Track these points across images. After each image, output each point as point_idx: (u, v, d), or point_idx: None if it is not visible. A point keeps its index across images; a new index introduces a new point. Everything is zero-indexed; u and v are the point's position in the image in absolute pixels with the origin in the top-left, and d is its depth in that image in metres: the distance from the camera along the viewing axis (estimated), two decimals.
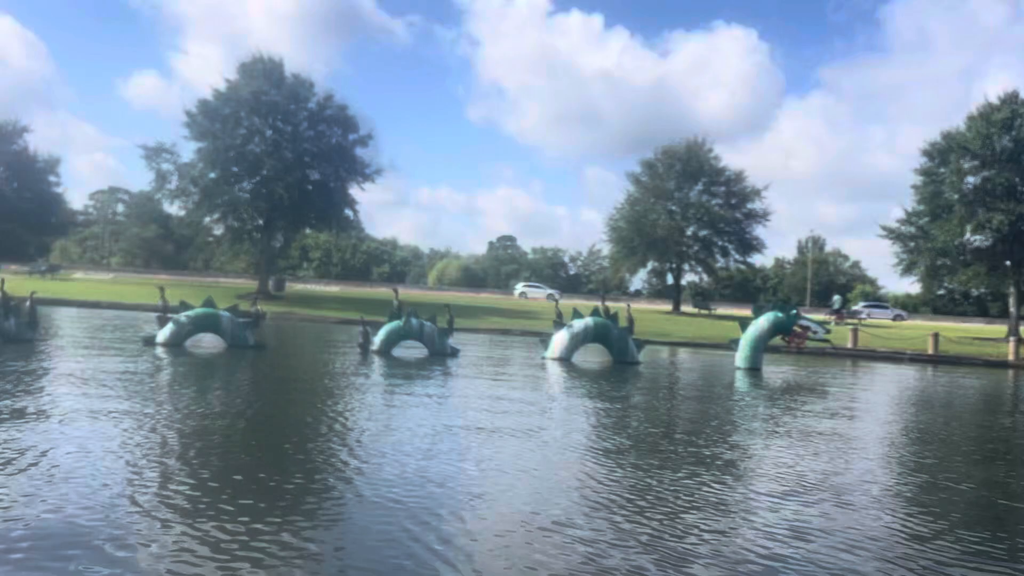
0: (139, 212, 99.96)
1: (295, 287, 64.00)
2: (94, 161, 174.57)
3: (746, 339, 21.30)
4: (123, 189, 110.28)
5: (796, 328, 21.39)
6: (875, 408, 15.30)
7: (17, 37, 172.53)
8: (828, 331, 23.16)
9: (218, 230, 52.65)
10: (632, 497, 6.95)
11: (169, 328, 18.21)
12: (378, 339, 19.66)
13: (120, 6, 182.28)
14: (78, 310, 34.19)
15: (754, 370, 20.79)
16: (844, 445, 10.26)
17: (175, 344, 18.06)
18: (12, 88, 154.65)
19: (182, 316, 18.33)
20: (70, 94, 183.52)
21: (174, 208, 54.89)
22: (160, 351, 17.20)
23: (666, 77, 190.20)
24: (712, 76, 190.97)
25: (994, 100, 43.91)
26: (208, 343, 19.32)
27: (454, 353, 20.11)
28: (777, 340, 22.69)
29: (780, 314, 21.47)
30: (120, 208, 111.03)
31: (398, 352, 19.95)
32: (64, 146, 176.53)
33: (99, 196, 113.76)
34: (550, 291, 67.65)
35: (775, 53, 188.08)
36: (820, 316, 45.19)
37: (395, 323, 19.83)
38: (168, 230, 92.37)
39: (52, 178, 68.60)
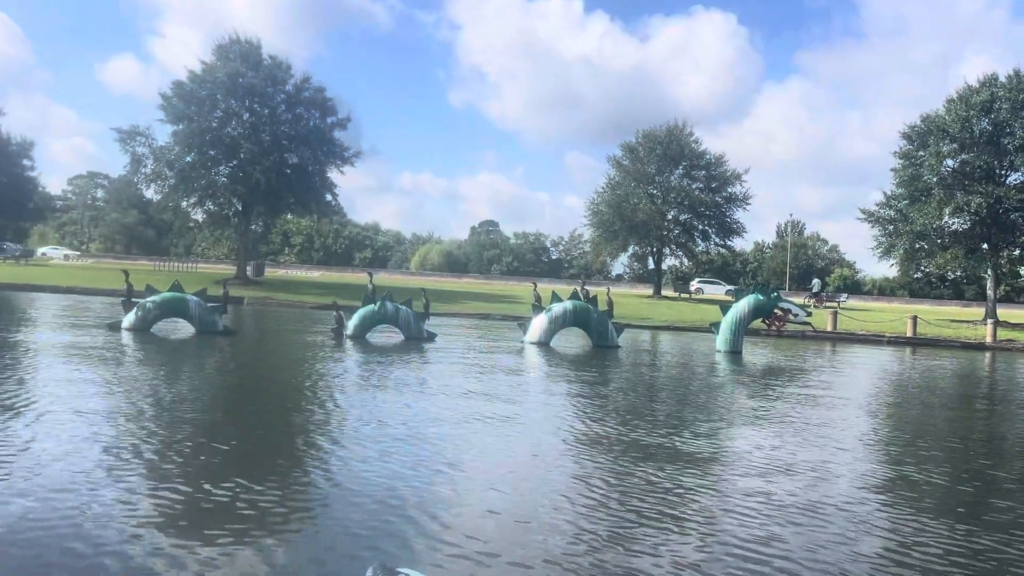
0: (118, 197, 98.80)
1: (276, 272, 63.41)
2: (73, 146, 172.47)
3: (726, 322, 21.18)
4: (102, 174, 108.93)
5: (777, 311, 21.26)
6: (855, 392, 15.17)
7: None
8: (809, 313, 23.02)
9: (196, 215, 52.03)
10: (601, 486, 6.72)
11: (135, 313, 17.74)
12: (352, 324, 19.31)
13: None
14: (49, 295, 33.49)
15: (735, 353, 20.67)
16: (825, 432, 10.09)
17: (141, 330, 17.59)
18: None
19: (148, 301, 17.87)
20: (47, 78, 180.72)
21: (150, 192, 54.11)
22: (125, 337, 16.71)
23: (646, 62, 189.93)
24: (692, 61, 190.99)
25: (973, 83, 43.94)
26: (175, 328, 18.84)
27: (430, 338, 19.79)
28: (758, 323, 22.56)
29: (761, 297, 21.33)
30: (100, 193, 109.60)
31: (373, 337, 19.63)
32: (42, 131, 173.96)
33: (78, 181, 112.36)
34: (728, 287, 62.94)
35: (754, 38, 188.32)
36: (800, 299, 45.31)
37: (369, 307, 19.48)
38: (148, 216, 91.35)
39: (26, 162, 67.27)
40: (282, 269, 75.43)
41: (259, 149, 45.06)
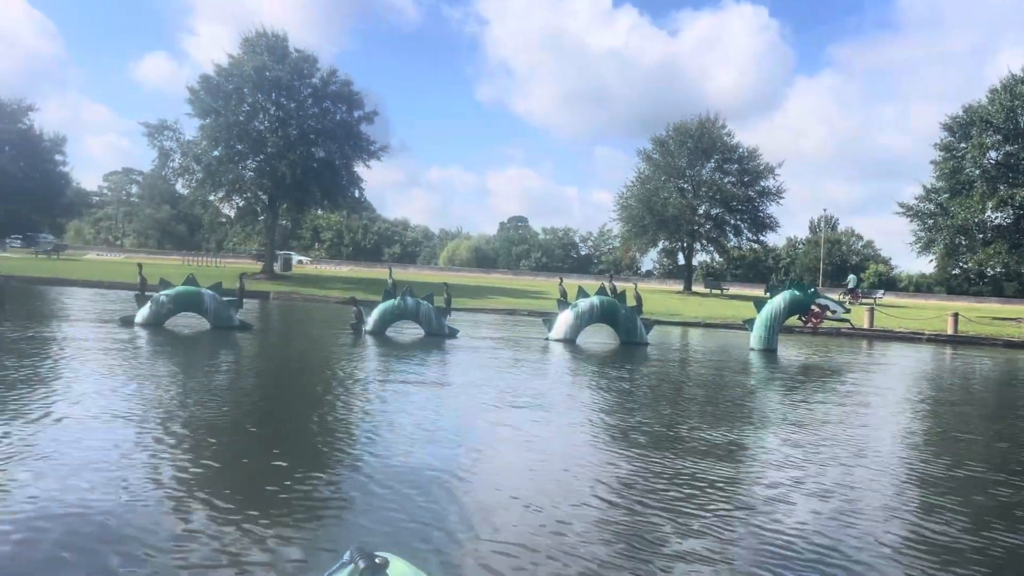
0: (152, 193, 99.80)
1: (305, 267, 63.38)
2: (108, 142, 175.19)
3: (761, 319, 20.35)
4: (137, 170, 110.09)
5: (814, 307, 20.39)
6: (900, 393, 14.33)
7: (27, 17, 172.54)
8: (847, 310, 22.07)
9: (225, 209, 52.12)
10: (632, 489, 6.08)
11: (148, 307, 17.34)
12: (372, 319, 18.77)
13: None
14: (76, 289, 33.52)
15: (769, 351, 19.85)
16: (865, 437, 9.33)
17: (154, 324, 17.16)
18: (23, 69, 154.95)
19: (161, 295, 17.45)
20: (82, 75, 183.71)
21: (179, 187, 54.25)
22: (135, 332, 16.29)
23: (675, 56, 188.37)
24: (722, 54, 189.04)
25: (1018, 72, 42.43)
26: (189, 323, 18.42)
27: (452, 334, 19.20)
28: (792, 320, 21.70)
29: (797, 292, 20.47)
30: (134, 189, 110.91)
31: (393, 333, 19.11)
32: (78, 127, 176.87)
33: (113, 177, 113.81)
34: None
35: (785, 31, 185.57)
36: (835, 296, 44.11)
37: (389, 303, 18.93)
38: (180, 211, 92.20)
39: (58, 157, 68.11)
40: (312, 264, 75.54)
41: (285, 143, 44.88)
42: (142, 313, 17.30)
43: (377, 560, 2.29)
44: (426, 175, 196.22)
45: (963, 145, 44.14)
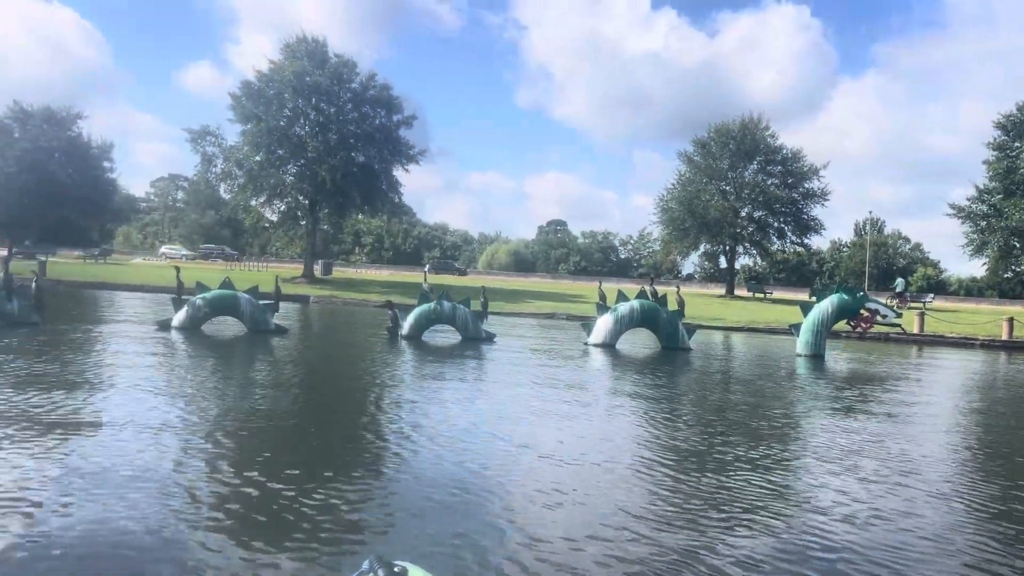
0: (197, 199, 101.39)
1: (346, 272, 63.70)
2: (155, 150, 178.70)
3: (808, 324, 19.66)
4: (182, 176, 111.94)
5: (863, 311, 19.65)
6: (960, 406, 13.65)
7: (77, 28, 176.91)
8: (899, 315, 21.28)
9: (268, 214, 52.59)
10: (671, 500, 5.69)
11: (184, 311, 17.31)
12: (407, 323, 18.54)
13: None
14: (116, 293, 33.95)
15: (817, 357, 19.17)
16: (927, 460, 8.78)
17: (191, 328, 17.14)
18: (73, 78, 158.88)
19: (198, 299, 17.41)
20: (129, 84, 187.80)
21: (221, 191, 54.98)
22: (173, 336, 16.28)
23: (715, 58, 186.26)
24: (762, 55, 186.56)
25: None
26: (227, 327, 18.38)
27: (489, 338, 18.88)
28: (840, 324, 20.97)
29: (846, 296, 19.75)
30: (180, 195, 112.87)
31: (429, 337, 18.86)
32: (126, 135, 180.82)
33: (159, 183, 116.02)
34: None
35: (828, 30, 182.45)
36: (883, 300, 42.78)
37: (425, 306, 18.68)
38: (223, 216, 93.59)
39: (106, 164, 69.20)
40: (352, 268, 75.99)
41: (325, 148, 45.10)
42: (179, 317, 17.28)
43: (396, 569, 2.36)
44: (465, 180, 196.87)
45: (1017, 144, 42.76)
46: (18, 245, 62.46)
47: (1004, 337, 29.80)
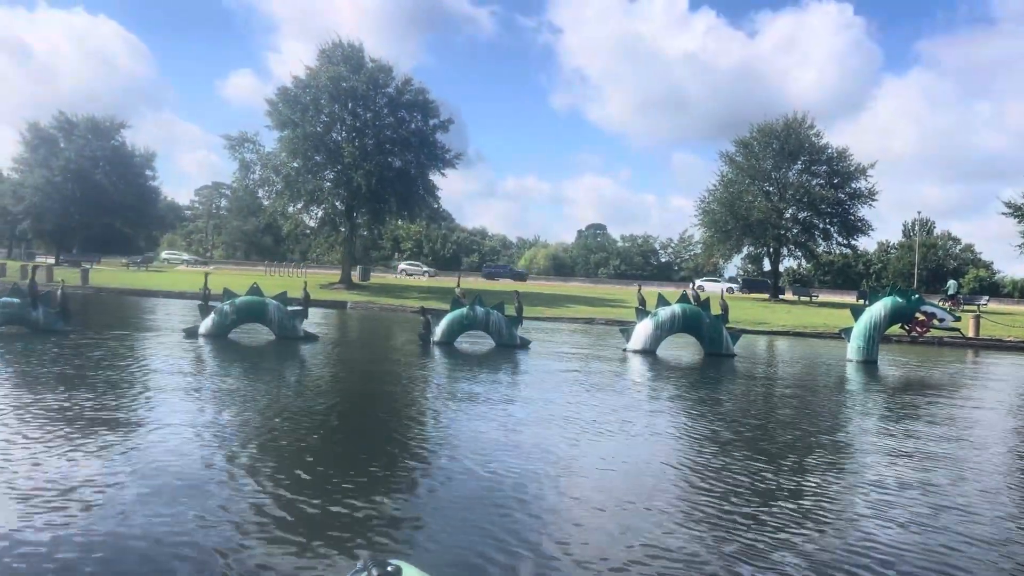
0: (239, 206, 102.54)
1: (386, 277, 63.62)
2: (199, 158, 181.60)
3: (860, 328, 18.68)
4: (225, 184, 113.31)
5: (919, 315, 18.61)
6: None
7: (121, 40, 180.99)
8: (957, 318, 20.17)
9: (307, 220, 52.67)
10: (713, 527, 5.01)
11: (211, 318, 16.94)
12: (440, 329, 17.98)
13: (214, 8, 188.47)
14: (155, 300, 34.08)
15: (869, 363, 18.19)
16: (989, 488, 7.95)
17: (218, 335, 16.75)
18: (118, 89, 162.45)
19: (225, 305, 17.02)
20: (173, 95, 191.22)
21: (260, 197, 55.13)
22: (200, 344, 15.89)
23: (755, 58, 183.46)
24: (803, 55, 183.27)
25: None
26: (255, 334, 17.99)
27: (524, 344, 18.24)
28: (893, 328, 19.95)
29: (900, 299, 18.73)
30: (223, 203, 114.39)
31: (462, 343, 18.29)
32: (171, 145, 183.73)
33: (203, 192, 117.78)
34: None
35: (871, 28, 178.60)
36: (935, 303, 41.17)
37: (458, 312, 18.10)
38: (262, 221, 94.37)
39: (149, 172, 70.17)
40: (392, 274, 75.99)
41: (361, 153, 44.92)
42: (206, 324, 16.90)
43: (390, 568, 2.38)
44: (503, 184, 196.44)
45: None
46: (64, 253, 63.59)
47: None
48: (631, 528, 5.35)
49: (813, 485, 6.78)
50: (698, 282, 68.40)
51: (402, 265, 78.56)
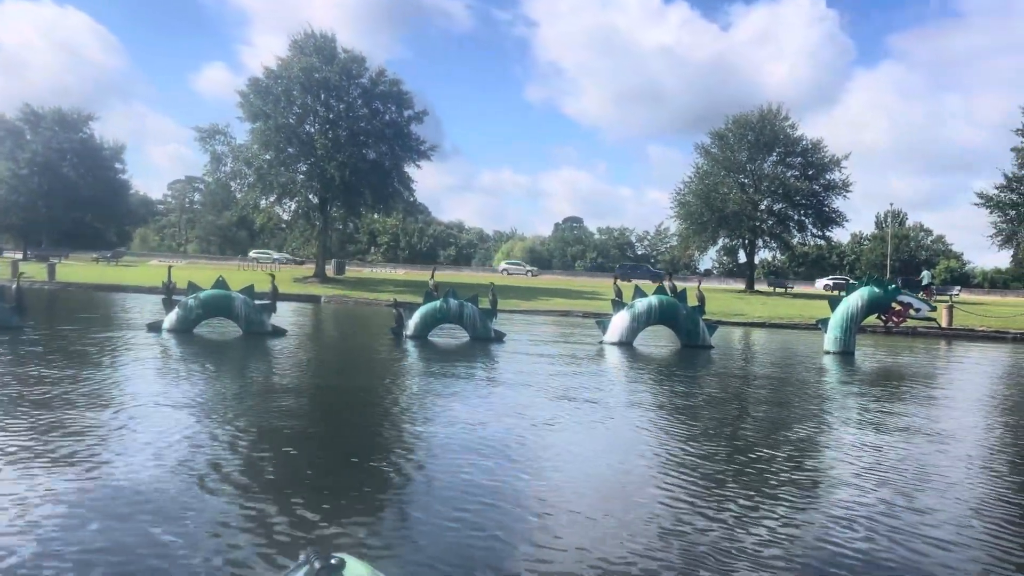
0: (213, 200, 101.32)
1: (362, 271, 63.03)
2: (171, 152, 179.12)
3: (836, 319, 18.57)
4: (199, 178, 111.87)
5: (895, 305, 18.54)
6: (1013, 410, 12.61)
7: (90, 32, 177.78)
8: (933, 308, 20.15)
9: (281, 213, 51.97)
10: (691, 519, 4.76)
11: (176, 313, 16.41)
12: (413, 323, 17.61)
13: (186, 0, 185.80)
14: (122, 295, 33.38)
15: (846, 354, 18.09)
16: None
17: (183, 331, 16.23)
18: (89, 82, 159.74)
19: (190, 299, 16.52)
20: (145, 88, 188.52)
21: (233, 191, 54.28)
22: (164, 338, 15.36)
23: (729, 51, 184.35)
24: (777, 48, 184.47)
25: None
26: (220, 329, 17.45)
27: (498, 338, 17.94)
28: (870, 318, 19.88)
29: (876, 289, 18.64)
30: (196, 197, 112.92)
31: (436, 337, 17.95)
32: (144, 138, 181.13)
33: (176, 186, 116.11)
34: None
35: (843, 21, 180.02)
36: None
37: (431, 305, 17.76)
38: (234, 214, 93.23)
39: (118, 165, 68.99)
40: (368, 268, 75.35)
41: (334, 145, 44.32)
42: (170, 319, 16.36)
43: (333, 561, 2.35)
44: (479, 178, 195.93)
45: None
46: (32, 247, 62.35)
47: None
48: (603, 539, 5.08)
49: (800, 480, 6.56)
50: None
51: (503, 264, 76.08)
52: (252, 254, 73.45)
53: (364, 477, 6.16)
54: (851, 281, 40.33)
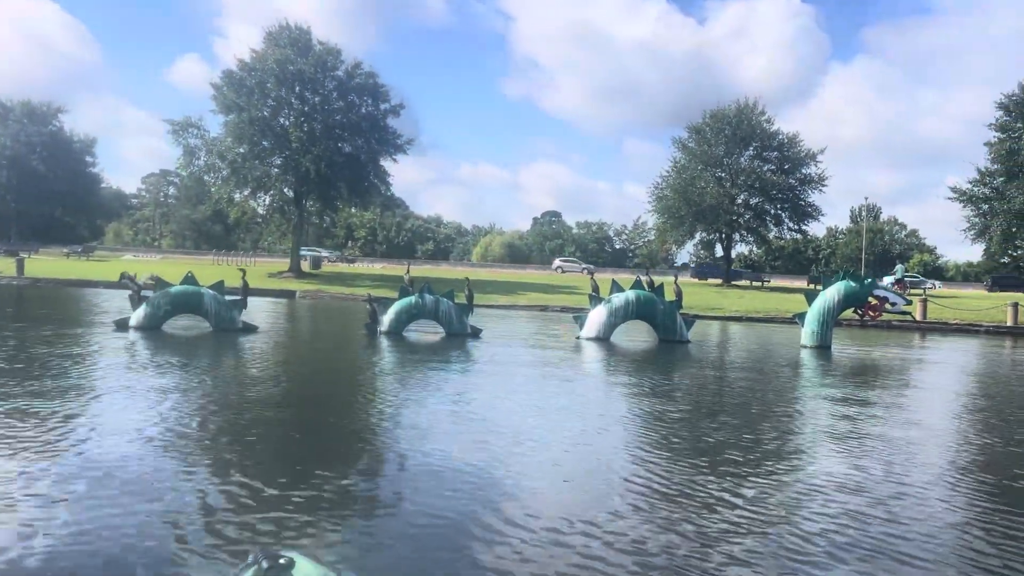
0: (188, 194, 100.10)
1: (337, 266, 62.49)
2: (146, 145, 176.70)
3: (813, 313, 18.55)
4: (173, 172, 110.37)
5: (872, 299, 18.56)
6: (995, 403, 12.59)
7: (61, 23, 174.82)
8: (909, 302, 20.22)
9: (258, 207, 51.40)
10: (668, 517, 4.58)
11: (143, 309, 15.98)
12: (387, 319, 17.34)
13: None
14: (92, 290, 32.78)
15: (823, 348, 18.08)
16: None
17: (150, 328, 15.78)
18: (59, 73, 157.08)
19: (157, 296, 16.10)
20: (118, 80, 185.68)
21: (208, 185, 53.55)
22: (131, 336, 14.90)
23: (705, 45, 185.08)
24: (753, 42, 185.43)
25: None
26: (189, 326, 16.96)
27: (475, 333, 17.71)
28: (846, 312, 19.89)
29: (853, 284, 18.64)
30: (171, 191, 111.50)
31: (411, 333, 17.69)
32: (117, 131, 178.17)
33: (150, 179, 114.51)
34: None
35: (819, 16, 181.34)
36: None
37: (406, 300, 17.49)
38: (218, 212, 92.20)
39: (88, 158, 68.00)
40: (344, 262, 74.74)
41: (309, 138, 43.85)
42: (137, 316, 15.91)
43: (282, 560, 2.31)
44: (457, 172, 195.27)
45: (1020, 125, 41.76)
46: (1, 242, 61.20)
47: (1009, 323, 28.91)
48: (577, 533, 4.89)
49: (770, 484, 6.42)
50: (557, 261, 70.19)
51: (557, 262, 73.72)
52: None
53: (322, 483, 5.93)
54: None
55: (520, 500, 5.57)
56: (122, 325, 15.89)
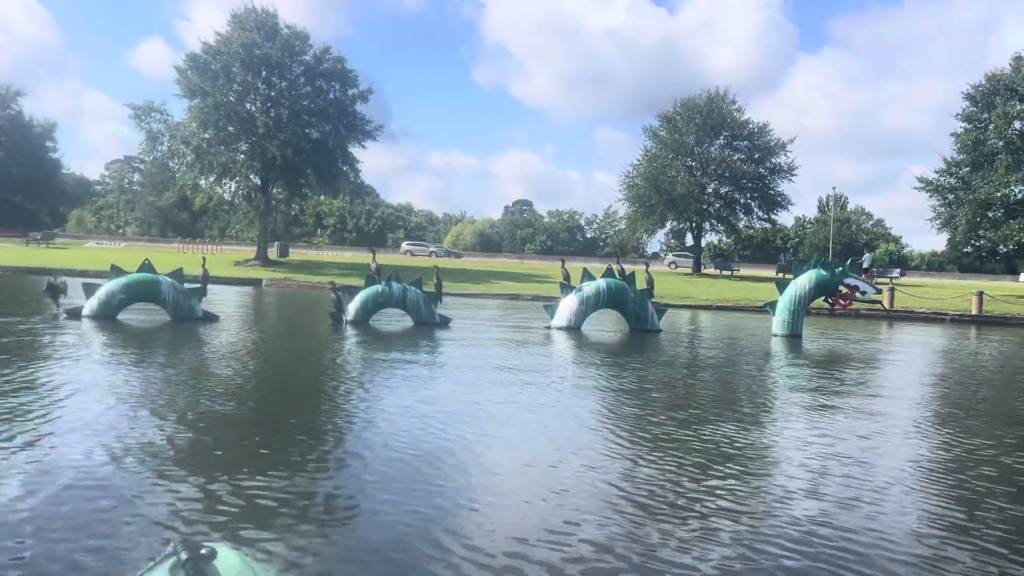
0: (153, 181, 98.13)
1: (307, 254, 61.69)
2: (110, 131, 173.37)
3: (784, 302, 18.47)
4: (138, 158, 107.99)
5: (843, 288, 18.51)
6: (971, 392, 12.54)
7: (20, 4, 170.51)
8: (879, 291, 20.23)
9: (224, 194, 50.42)
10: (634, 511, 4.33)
11: (96, 298, 15.39)
12: (353, 307, 16.91)
13: None
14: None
15: (794, 337, 18.01)
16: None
17: (104, 317, 15.20)
18: (20, 58, 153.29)
19: (112, 284, 15.55)
20: (81, 64, 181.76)
21: (173, 171, 52.37)
22: (83, 326, 14.32)
23: (676, 34, 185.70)
24: (722, 32, 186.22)
25: None
26: (145, 315, 16.44)
27: (444, 323, 17.37)
28: (816, 301, 19.86)
29: (824, 272, 18.58)
30: (136, 177, 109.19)
31: (377, 322, 17.28)
32: (79, 116, 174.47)
33: (114, 166, 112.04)
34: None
35: (787, 6, 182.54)
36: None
37: (372, 289, 17.07)
38: (184, 199, 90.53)
39: (49, 144, 66.28)
40: (314, 250, 73.83)
41: (276, 123, 43.03)
42: (90, 304, 15.34)
43: (203, 551, 2.26)
44: (428, 160, 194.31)
45: (986, 116, 42.13)
46: None
47: (974, 311, 29.19)
48: (541, 519, 4.62)
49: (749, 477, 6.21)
50: (405, 245, 70.31)
51: (405, 245, 73.04)
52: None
53: (268, 483, 5.60)
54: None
55: (482, 491, 5.29)
56: (74, 314, 15.28)
